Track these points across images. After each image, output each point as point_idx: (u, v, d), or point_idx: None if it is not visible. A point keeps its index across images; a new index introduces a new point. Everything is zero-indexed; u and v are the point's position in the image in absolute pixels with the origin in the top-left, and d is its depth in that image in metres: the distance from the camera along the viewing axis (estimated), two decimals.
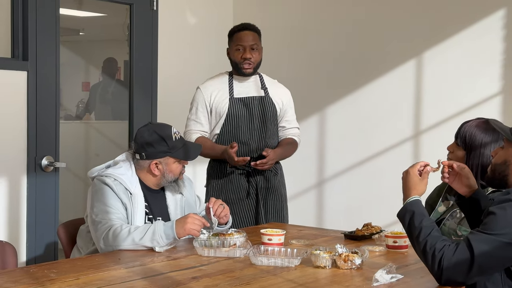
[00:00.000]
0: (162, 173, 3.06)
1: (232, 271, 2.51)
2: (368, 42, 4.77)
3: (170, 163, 3.06)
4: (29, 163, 3.95)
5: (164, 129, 3.07)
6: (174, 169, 3.08)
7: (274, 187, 3.86)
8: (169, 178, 3.08)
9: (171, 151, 3.04)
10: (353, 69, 4.83)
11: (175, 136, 3.07)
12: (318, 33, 4.99)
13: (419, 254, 2.35)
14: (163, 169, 3.05)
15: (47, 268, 2.53)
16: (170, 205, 3.14)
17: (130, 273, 2.45)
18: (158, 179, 3.08)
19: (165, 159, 3.05)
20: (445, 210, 2.94)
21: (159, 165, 3.04)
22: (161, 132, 3.04)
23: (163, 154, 3.04)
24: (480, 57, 4.34)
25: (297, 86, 4.19)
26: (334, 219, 4.81)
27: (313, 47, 5.02)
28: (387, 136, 4.68)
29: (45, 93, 4.02)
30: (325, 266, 2.55)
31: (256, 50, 3.83)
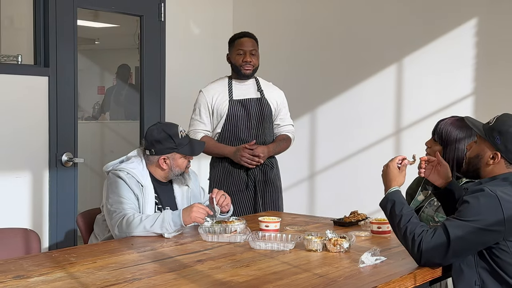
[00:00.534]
0: (170, 167, 3.06)
1: (234, 254, 2.51)
2: (354, 49, 4.77)
3: (177, 158, 3.06)
4: (50, 159, 3.94)
5: (171, 128, 3.06)
6: (180, 164, 3.08)
7: (270, 179, 3.86)
8: (176, 171, 3.08)
9: (178, 148, 3.04)
10: (341, 73, 4.83)
11: (181, 134, 3.07)
12: (309, 41, 4.99)
13: (400, 238, 2.36)
14: (171, 164, 3.05)
15: (67, 253, 2.53)
16: (177, 196, 3.14)
17: (142, 257, 2.45)
18: (166, 173, 3.08)
19: (172, 154, 3.05)
20: (423, 199, 2.95)
21: (167, 160, 3.04)
22: (168, 130, 3.04)
23: (170, 150, 3.04)
24: (455, 62, 4.34)
25: (291, 88, 4.19)
26: (324, 208, 4.81)
27: (304, 53, 5.01)
28: (371, 133, 4.68)
29: (65, 96, 4.01)
30: (316, 249, 2.55)
31: (255, 55, 3.84)
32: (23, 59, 3.98)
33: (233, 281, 2.12)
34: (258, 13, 5.23)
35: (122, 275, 2.18)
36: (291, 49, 5.09)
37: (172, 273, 2.22)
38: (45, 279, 2.12)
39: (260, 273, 2.22)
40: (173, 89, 4.75)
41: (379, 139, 4.65)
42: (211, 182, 3.89)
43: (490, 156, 2.36)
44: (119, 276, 2.16)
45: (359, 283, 2.11)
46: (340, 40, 4.84)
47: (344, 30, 4.83)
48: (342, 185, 4.81)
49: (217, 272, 2.24)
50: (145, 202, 2.96)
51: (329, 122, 4.91)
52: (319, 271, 2.25)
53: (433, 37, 4.42)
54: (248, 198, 3.83)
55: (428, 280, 2.31)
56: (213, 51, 5.00)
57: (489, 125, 2.39)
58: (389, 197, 2.43)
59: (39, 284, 2.06)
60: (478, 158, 2.40)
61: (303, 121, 4.93)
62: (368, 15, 4.71)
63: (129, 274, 2.19)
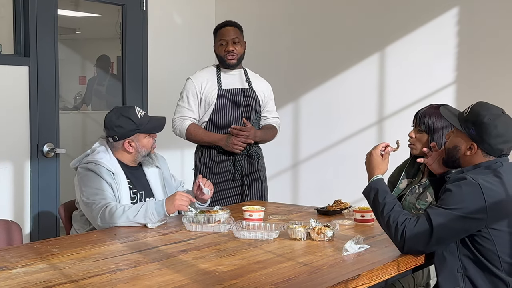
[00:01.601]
0: (136, 149, 3.05)
1: (218, 244, 2.51)
2: (337, 38, 4.77)
3: (141, 138, 3.05)
4: (31, 150, 3.91)
5: (128, 110, 3.05)
6: (146, 144, 3.07)
7: (256, 170, 3.86)
8: (142, 152, 3.07)
9: (139, 128, 3.04)
10: (324, 63, 4.83)
11: (140, 114, 3.06)
12: (292, 30, 4.98)
13: (384, 227, 2.37)
14: (136, 146, 3.04)
15: (50, 244, 2.51)
16: (150, 178, 3.14)
17: (125, 247, 2.44)
18: (134, 156, 3.07)
19: (136, 136, 3.04)
20: (405, 186, 2.96)
21: (132, 143, 3.03)
22: (126, 113, 3.03)
23: (132, 132, 3.03)
24: (437, 51, 4.35)
25: (274, 78, 4.18)
26: (307, 197, 4.82)
27: (287, 43, 5.00)
28: (354, 122, 4.69)
29: (45, 86, 3.98)
30: (300, 238, 2.55)
31: (238, 43, 3.80)
32: (3, 49, 3.93)
33: (218, 270, 2.12)
34: (240, 3, 5.21)
35: (105, 265, 2.17)
36: (273, 38, 5.08)
37: (156, 263, 2.21)
38: (28, 270, 2.11)
39: (244, 262, 2.22)
40: (155, 79, 4.73)
41: (362, 127, 4.66)
42: (197, 172, 3.88)
43: (467, 147, 2.37)
44: (103, 267, 2.15)
45: (343, 271, 2.11)
46: (323, 29, 4.84)
47: (326, 19, 4.82)
48: (325, 174, 4.83)
49: (201, 261, 2.23)
50: (119, 189, 2.94)
51: (313, 111, 4.91)
52: (303, 259, 2.26)
53: (415, 26, 4.43)
54: (235, 189, 3.82)
55: (411, 268, 2.33)
56: (195, 41, 4.98)
57: (464, 116, 2.39)
58: (372, 185, 2.44)
59: (22, 275, 2.05)
60: (456, 149, 2.41)
61: (286, 110, 4.93)
62: (351, 4, 4.71)
63: (112, 265, 2.18)
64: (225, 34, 3.79)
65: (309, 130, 4.93)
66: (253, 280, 2.00)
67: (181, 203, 2.83)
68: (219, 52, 3.82)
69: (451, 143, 2.44)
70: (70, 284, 1.95)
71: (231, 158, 3.80)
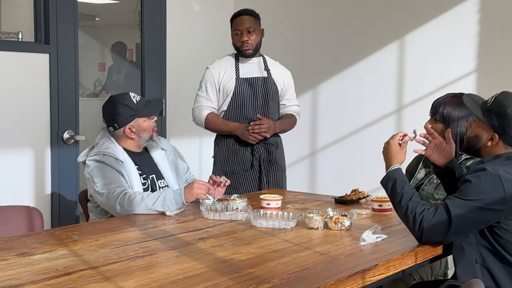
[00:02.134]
0: (138, 134, 3.07)
1: (235, 232, 2.52)
2: (356, 27, 4.74)
3: (141, 123, 3.07)
4: (52, 137, 3.94)
5: (124, 97, 3.07)
6: (146, 127, 3.09)
7: (275, 159, 3.86)
8: (145, 136, 3.09)
9: (137, 112, 3.05)
10: (343, 51, 4.81)
11: (135, 99, 3.07)
12: (311, 18, 4.96)
13: (401, 217, 2.36)
14: (137, 131, 3.06)
15: (70, 230, 2.54)
16: (158, 161, 3.16)
17: (144, 235, 2.46)
18: (137, 141, 3.09)
19: (135, 121, 3.05)
20: (423, 176, 2.95)
21: (133, 128, 3.05)
22: (122, 100, 3.05)
23: (131, 117, 3.04)
24: (457, 39, 4.31)
25: (292, 66, 4.16)
26: (325, 186, 4.82)
27: (306, 30, 4.98)
28: (372, 110, 4.67)
29: (65, 74, 4.00)
30: (317, 227, 2.56)
31: (253, 32, 3.79)
32: (24, 36, 3.96)
33: (235, 258, 2.13)
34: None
35: (124, 252, 2.19)
36: (292, 26, 5.06)
37: (174, 251, 2.23)
38: (49, 256, 2.13)
39: (261, 251, 2.23)
40: (174, 67, 4.73)
41: (381, 116, 4.64)
42: (216, 161, 3.89)
43: (489, 138, 2.35)
44: (122, 254, 2.17)
45: (360, 261, 2.12)
46: (342, 17, 4.81)
47: (345, 7, 4.79)
48: (343, 163, 4.81)
49: (219, 250, 2.25)
50: (130, 175, 2.96)
51: (331, 100, 4.89)
52: (320, 249, 2.26)
53: (435, 14, 4.38)
54: (252, 177, 3.83)
55: (428, 258, 2.32)
56: (214, 28, 4.97)
57: (487, 106, 2.37)
58: (390, 175, 2.43)
59: (42, 261, 2.07)
60: (477, 138, 2.39)
61: (304, 98, 4.91)
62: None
63: (131, 252, 2.20)
64: (239, 24, 3.78)
65: (327, 119, 4.92)
66: (270, 268, 2.01)
67: (199, 192, 2.85)
68: (235, 42, 3.82)
69: (473, 132, 2.42)
70: (90, 271, 1.97)
71: (250, 147, 3.80)
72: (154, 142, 3.14)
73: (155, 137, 3.15)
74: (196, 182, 2.88)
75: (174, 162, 3.26)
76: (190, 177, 3.39)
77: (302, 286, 1.85)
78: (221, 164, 3.84)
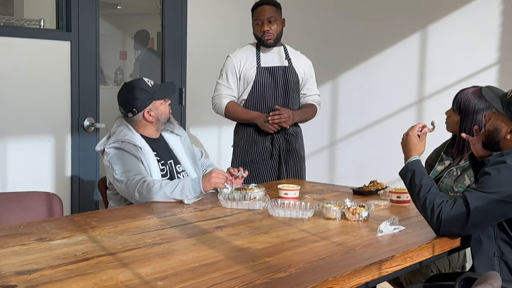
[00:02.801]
0: (156, 117, 3.09)
1: (252, 221, 2.53)
2: (378, 16, 4.71)
3: (158, 105, 3.10)
4: (73, 124, 3.98)
5: (139, 82, 3.11)
6: (163, 110, 3.12)
7: (294, 149, 3.86)
8: (163, 119, 3.12)
9: (154, 95, 3.08)
10: (364, 40, 4.78)
11: (150, 83, 3.11)
12: (332, 8, 4.93)
13: (419, 208, 2.35)
14: (156, 114, 3.09)
15: (89, 217, 2.56)
16: (174, 146, 3.19)
17: (162, 222, 2.48)
18: (155, 125, 3.12)
19: (153, 104, 3.08)
20: (443, 169, 2.93)
21: (151, 112, 3.08)
22: (138, 85, 3.09)
23: (149, 101, 3.07)
24: (479, 30, 4.27)
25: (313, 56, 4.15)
26: (344, 177, 4.82)
27: (327, 20, 4.96)
28: (393, 101, 4.65)
29: (87, 62, 4.03)
30: (335, 218, 2.56)
31: (274, 22, 3.78)
32: (46, 24, 3.99)
33: (252, 247, 2.14)
34: None
35: (142, 239, 2.21)
36: (313, 16, 5.04)
37: (191, 238, 2.24)
38: (67, 242, 2.16)
39: (278, 240, 2.23)
40: (194, 55, 4.75)
41: (401, 108, 4.62)
42: (235, 150, 3.90)
43: (508, 130, 2.33)
44: (139, 241, 2.19)
45: (377, 252, 2.11)
46: (364, 8, 4.78)
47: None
48: (362, 154, 4.80)
49: (236, 238, 2.25)
50: (149, 161, 2.99)
51: (351, 90, 4.88)
52: (337, 239, 2.27)
53: (458, 4, 4.34)
54: (272, 167, 3.84)
55: (446, 250, 2.31)
56: (235, 17, 4.97)
57: (507, 98, 2.34)
58: (409, 166, 2.42)
59: (61, 246, 2.10)
60: (496, 131, 2.37)
61: (325, 88, 4.90)
62: None
63: (149, 239, 2.21)
64: (260, 13, 3.77)
65: (347, 109, 4.90)
66: (286, 258, 2.02)
67: (217, 181, 2.85)
68: (255, 31, 3.81)
69: (492, 125, 2.39)
70: (108, 257, 1.99)
71: (269, 136, 3.81)
72: (172, 124, 3.18)
73: (172, 118, 3.18)
74: (214, 172, 2.89)
75: (190, 148, 3.28)
76: (206, 163, 3.41)
77: (318, 276, 1.85)
78: (241, 153, 3.85)
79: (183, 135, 3.29)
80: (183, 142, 3.25)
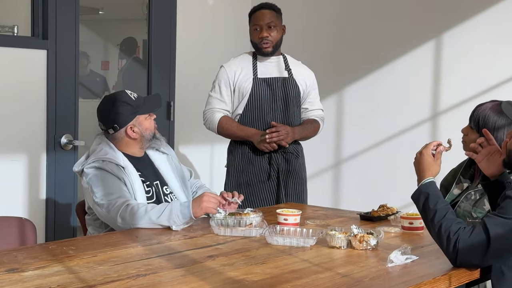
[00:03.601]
0: (140, 134, 3.10)
1: (248, 250, 2.53)
2: (386, 23, 4.74)
3: (142, 121, 3.11)
4: (48, 141, 3.98)
5: (121, 95, 3.12)
6: (148, 125, 3.13)
7: (295, 170, 3.86)
8: (148, 135, 3.12)
9: (137, 109, 3.10)
10: (372, 50, 4.81)
11: (133, 95, 3.12)
12: (336, 13, 4.96)
13: (434, 236, 2.35)
14: (140, 130, 3.10)
15: (66, 245, 2.55)
16: (160, 166, 3.20)
17: (147, 251, 2.48)
18: (139, 141, 3.12)
19: (136, 119, 3.09)
20: (460, 192, 2.93)
21: (134, 128, 3.08)
22: (120, 98, 3.09)
23: (132, 115, 3.08)
24: (501, 38, 4.29)
25: (315, 66, 4.17)
26: (350, 200, 4.81)
27: (331, 27, 4.99)
28: (404, 117, 4.66)
29: (65, 72, 4.04)
30: (340, 246, 2.55)
31: (274, 28, 3.80)
32: (20, 30, 4.01)
33: (247, 279, 2.13)
34: None
35: (125, 270, 2.20)
36: (315, 23, 5.07)
37: (180, 269, 2.24)
38: (41, 273, 2.15)
39: (277, 271, 2.23)
40: (184, 66, 4.76)
41: (414, 124, 4.63)
42: (229, 170, 3.90)
43: None
44: (122, 272, 2.18)
45: (387, 285, 2.11)
46: (371, 13, 4.81)
47: (375, 1, 4.79)
48: (370, 175, 4.81)
49: (230, 269, 2.25)
50: (133, 182, 2.98)
51: (358, 104, 4.89)
52: (342, 270, 2.26)
53: (476, 10, 4.37)
54: (270, 189, 3.83)
55: (464, 283, 2.31)
56: (230, 23, 4.99)
57: None
58: (422, 189, 2.43)
59: (35, 278, 2.09)
60: None
61: (329, 102, 4.91)
62: None
63: (133, 270, 2.21)
64: (259, 18, 3.80)
65: (354, 126, 4.91)
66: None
67: (209, 205, 2.85)
68: (253, 38, 3.83)
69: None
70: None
71: (267, 155, 3.81)
72: (158, 140, 3.18)
73: (157, 134, 3.18)
74: (206, 195, 2.89)
75: (178, 168, 3.28)
76: (196, 184, 3.41)
77: None
78: (235, 174, 3.85)
79: (171, 153, 3.29)
80: (170, 161, 3.26)
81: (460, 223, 2.29)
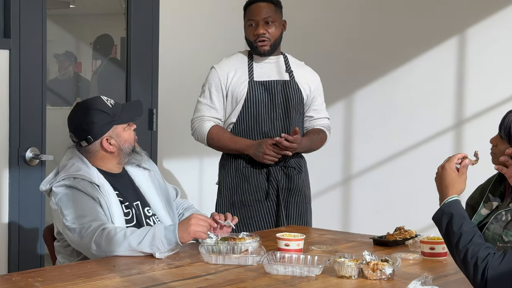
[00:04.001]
0: (118, 146, 3.08)
1: (243, 281, 2.52)
2: (402, 18, 4.76)
3: (120, 132, 3.09)
4: (11, 156, 3.97)
5: (95, 102, 3.10)
6: (127, 137, 3.11)
7: (297, 187, 3.86)
8: (126, 148, 3.11)
9: (115, 118, 3.08)
10: (386, 49, 4.82)
11: (109, 102, 3.10)
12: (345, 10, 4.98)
13: (459, 263, 2.35)
14: (117, 142, 3.08)
15: (32, 276, 2.54)
16: (140, 184, 3.19)
17: (126, 283, 2.47)
18: (117, 156, 3.10)
19: (113, 129, 3.07)
20: (489, 212, 2.94)
21: (111, 140, 3.07)
22: (94, 105, 3.08)
23: (108, 125, 3.06)
24: None
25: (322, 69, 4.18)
26: (361, 222, 4.82)
27: (340, 23, 5.01)
28: (424, 126, 4.67)
29: (30, 75, 4.04)
30: (350, 276, 2.55)
31: (272, 24, 3.80)
32: None
33: None
34: None
35: None
36: (320, 18, 5.09)
37: None
38: None
39: None
40: (169, 67, 4.77)
41: (434, 133, 4.64)
42: (220, 188, 3.90)
43: None
44: None
45: None
46: (385, 7, 4.83)
47: None
48: (385, 193, 4.81)
49: None
50: (109, 203, 2.97)
51: (370, 112, 4.90)
52: None
53: (504, 2, 4.39)
54: (268, 210, 3.82)
55: None
56: (221, 20, 5.00)
57: None
58: (445, 209, 2.43)
59: None
60: None
61: (335, 109, 4.93)
62: None
63: None
64: (254, 13, 3.80)
65: (365, 136, 4.92)
66: None
67: (198, 229, 2.84)
68: (248, 35, 3.84)
69: None
70: None
71: (265, 170, 3.81)
72: (138, 154, 3.17)
73: (137, 148, 3.17)
74: (194, 217, 2.88)
75: (162, 186, 3.28)
76: (183, 205, 3.40)
77: None
78: (228, 192, 3.85)
79: (153, 169, 3.29)
80: (153, 178, 3.25)
81: (489, 248, 2.30)
